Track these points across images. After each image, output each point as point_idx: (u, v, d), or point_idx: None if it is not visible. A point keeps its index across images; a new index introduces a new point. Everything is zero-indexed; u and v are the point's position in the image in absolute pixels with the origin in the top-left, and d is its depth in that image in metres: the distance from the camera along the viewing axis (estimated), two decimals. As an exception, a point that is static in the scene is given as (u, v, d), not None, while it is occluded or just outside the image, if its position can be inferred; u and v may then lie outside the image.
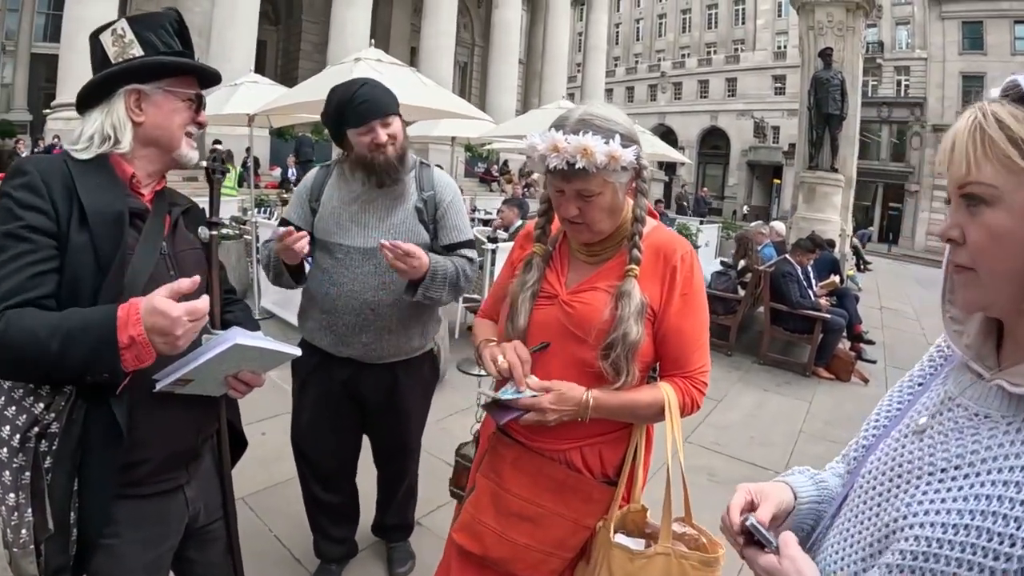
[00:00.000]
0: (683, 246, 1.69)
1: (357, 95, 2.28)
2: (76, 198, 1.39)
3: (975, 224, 0.83)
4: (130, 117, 1.50)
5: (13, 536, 1.32)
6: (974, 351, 0.94)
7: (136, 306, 1.26)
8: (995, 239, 0.81)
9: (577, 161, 1.48)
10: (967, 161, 0.82)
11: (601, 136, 1.48)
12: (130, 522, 1.47)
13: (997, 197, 0.81)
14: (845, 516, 1.06)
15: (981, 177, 0.81)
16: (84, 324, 1.26)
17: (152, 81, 1.52)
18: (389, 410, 2.60)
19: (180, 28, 1.58)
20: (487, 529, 1.71)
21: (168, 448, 1.52)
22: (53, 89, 18.37)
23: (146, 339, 1.25)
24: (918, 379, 1.12)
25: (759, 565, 1.00)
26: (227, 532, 1.78)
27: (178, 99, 1.56)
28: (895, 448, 1.01)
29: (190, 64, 1.58)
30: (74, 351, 1.24)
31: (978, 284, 0.86)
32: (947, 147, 0.86)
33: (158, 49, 1.52)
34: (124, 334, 1.24)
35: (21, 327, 1.25)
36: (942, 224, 0.89)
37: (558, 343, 1.66)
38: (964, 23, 34.76)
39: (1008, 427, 0.84)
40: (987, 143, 0.81)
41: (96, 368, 1.26)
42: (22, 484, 1.32)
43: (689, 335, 1.66)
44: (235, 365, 1.52)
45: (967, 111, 0.86)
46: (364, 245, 2.38)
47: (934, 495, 0.87)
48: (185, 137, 1.59)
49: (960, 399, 0.94)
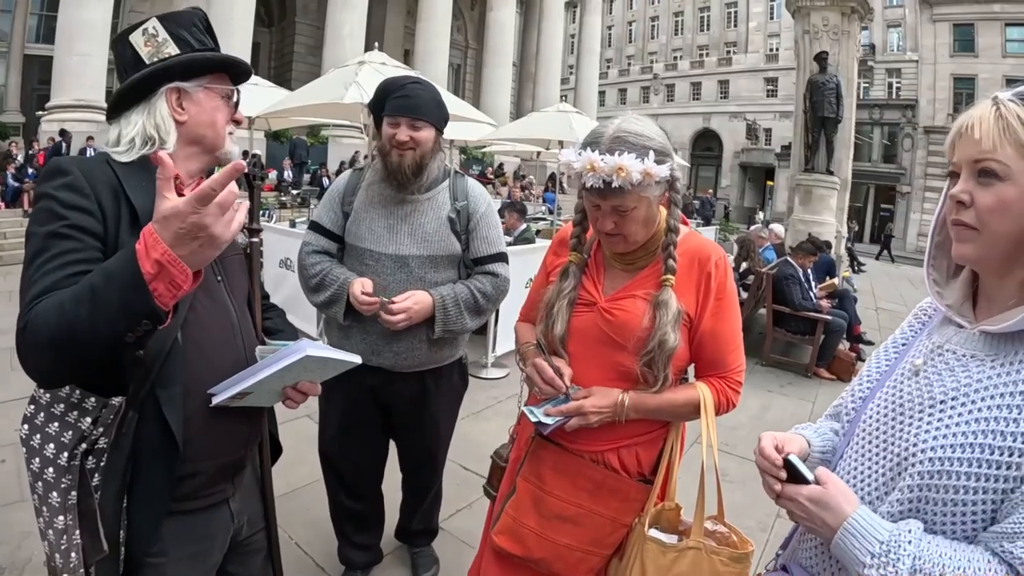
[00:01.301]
0: (716, 252, 1.74)
1: (404, 88, 2.29)
2: (125, 199, 1.34)
3: (986, 192, 1.00)
4: (173, 116, 1.44)
5: (63, 561, 1.25)
6: (955, 309, 1.14)
7: (149, 228, 1.08)
8: (1002, 205, 0.99)
9: (613, 180, 1.50)
10: (992, 140, 0.99)
11: (635, 154, 1.51)
12: (177, 539, 1.41)
13: (1009, 174, 0.98)
14: (851, 458, 1.21)
15: (1000, 156, 0.99)
16: (106, 275, 1.10)
17: (193, 79, 1.47)
18: (418, 418, 2.59)
19: (208, 25, 1.54)
20: (529, 531, 1.75)
21: (220, 459, 1.48)
22: (46, 91, 18.22)
23: (172, 256, 1.05)
24: (901, 340, 1.30)
25: (803, 495, 1.12)
26: (268, 542, 1.75)
27: (218, 96, 1.51)
28: (894, 389, 1.18)
29: (231, 60, 1.53)
30: (104, 308, 1.08)
31: (979, 242, 1.03)
32: (971, 125, 1.03)
33: (193, 47, 1.47)
34: (147, 262, 1.06)
35: (45, 307, 1.14)
36: (955, 188, 1.05)
37: (596, 349, 1.70)
38: (955, 25, 34.95)
39: (993, 362, 1.04)
40: (1008, 129, 0.98)
41: (133, 319, 1.09)
42: (69, 505, 1.25)
43: (724, 338, 1.72)
44: (297, 376, 1.49)
45: (985, 102, 1.05)
46: (396, 252, 2.36)
47: (938, 424, 1.04)
48: (227, 135, 1.55)
49: (948, 345, 1.12)
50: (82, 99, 16.66)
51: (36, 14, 24.72)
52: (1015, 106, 0.99)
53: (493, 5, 29.34)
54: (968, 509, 0.98)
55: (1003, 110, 1.00)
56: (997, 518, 0.97)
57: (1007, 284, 1.05)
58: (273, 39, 33.24)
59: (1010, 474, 0.95)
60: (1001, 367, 1.02)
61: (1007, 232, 1.00)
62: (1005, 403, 0.99)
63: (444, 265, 2.42)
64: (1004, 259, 1.03)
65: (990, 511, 0.98)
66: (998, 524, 0.96)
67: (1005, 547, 0.93)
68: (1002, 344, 1.04)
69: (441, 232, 2.41)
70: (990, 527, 0.97)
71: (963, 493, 0.98)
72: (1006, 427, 0.97)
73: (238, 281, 1.61)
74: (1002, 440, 0.97)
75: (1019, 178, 0.97)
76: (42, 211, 1.29)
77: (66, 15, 16.82)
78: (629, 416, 1.66)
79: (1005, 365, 1.02)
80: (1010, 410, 0.98)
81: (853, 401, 1.30)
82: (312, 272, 2.44)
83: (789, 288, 7.18)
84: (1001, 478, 0.96)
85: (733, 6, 49.02)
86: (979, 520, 0.98)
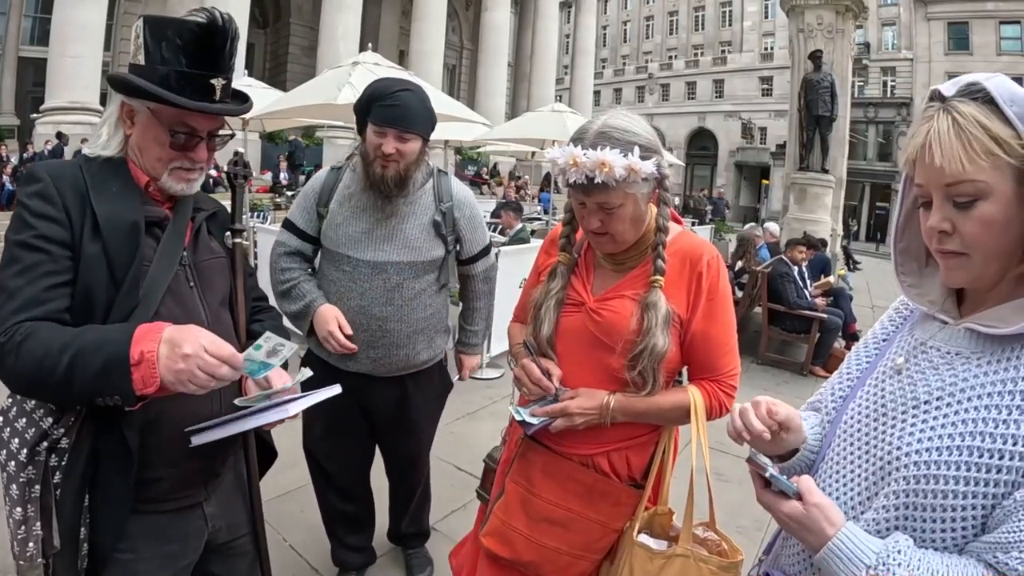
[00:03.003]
0: (709, 251, 1.70)
1: (393, 95, 2.19)
2: (90, 206, 1.31)
3: (967, 218, 0.92)
4: (122, 126, 1.41)
5: (20, 549, 1.27)
6: (938, 305, 1.08)
7: (161, 327, 1.21)
8: (987, 227, 0.91)
9: (596, 176, 1.47)
10: (958, 161, 0.90)
11: (620, 149, 1.47)
12: (146, 537, 1.40)
13: (987, 191, 0.90)
14: (832, 461, 1.14)
15: (972, 175, 0.90)
16: (100, 341, 1.19)
17: (137, 99, 1.37)
18: (400, 421, 2.57)
19: (197, 41, 1.34)
20: (517, 534, 1.73)
21: (183, 468, 1.44)
22: (41, 93, 18.15)
23: (154, 358, 1.17)
24: (882, 336, 1.23)
25: (783, 512, 1.03)
26: (256, 548, 1.70)
27: (159, 128, 1.38)
28: (875, 388, 1.12)
29: (162, 97, 1.32)
30: (84, 370, 1.17)
31: (971, 266, 0.95)
32: (930, 148, 0.93)
33: (155, 64, 1.34)
34: (136, 348, 1.17)
35: (39, 339, 1.19)
36: (931, 219, 0.96)
37: (585, 350, 1.68)
38: (950, 24, 35.06)
39: (979, 361, 0.97)
40: (973, 142, 0.89)
41: (105, 388, 1.18)
42: (31, 498, 1.26)
43: (716, 340, 1.68)
44: None
45: (935, 109, 0.95)
46: (374, 259, 2.31)
47: (923, 425, 0.98)
48: (169, 171, 1.41)
49: (931, 342, 1.06)
50: (76, 101, 16.61)
51: (30, 16, 24.68)
52: (969, 107, 0.91)
53: (488, 5, 29.37)
54: (958, 515, 0.92)
55: (959, 119, 0.91)
56: (988, 525, 0.91)
57: (1001, 286, 0.98)
58: (268, 40, 33.19)
59: (1001, 478, 0.89)
60: (988, 365, 0.96)
61: (998, 247, 0.93)
62: (994, 403, 0.93)
63: (423, 271, 2.38)
64: (1000, 270, 0.96)
65: (980, 518, 0.91)
66: (990, 533, 0.90)
67: (1000, 558, 0.87)
68: (989, 341, 0.98)
69: (424, 237, 2.37)
70: (981, 536, 0.92)
71: (952, 498, 0.92)
72: (995, 428, 0.91)
73: (215, 285, 1.56)
74: (992, 442, 0.90)
75: (998, 188, 0.89)
76: (15, 219, 1.30)
77: (59, 16, 16.75)
78: (616, 419, 1.63)
79: (992, 363, 0.96)
80: (999, 410, 0.91)
81: (833, 400, 1.23)
82: (281, 278, 2.43)
83: (784, 286, 7.18)
84: (992, 482, 0.89)
85: (728, 5, 49.08)
86: (969, 528, 0.92)
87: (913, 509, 0.96)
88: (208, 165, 1.52)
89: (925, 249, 1.06)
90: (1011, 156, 0.88)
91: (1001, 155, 0.88)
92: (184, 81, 1.34)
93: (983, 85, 0.92)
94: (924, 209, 0.99)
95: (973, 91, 0.93)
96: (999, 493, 0.89)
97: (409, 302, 2.36)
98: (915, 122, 0.99)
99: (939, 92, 0.96)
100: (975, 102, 0.91)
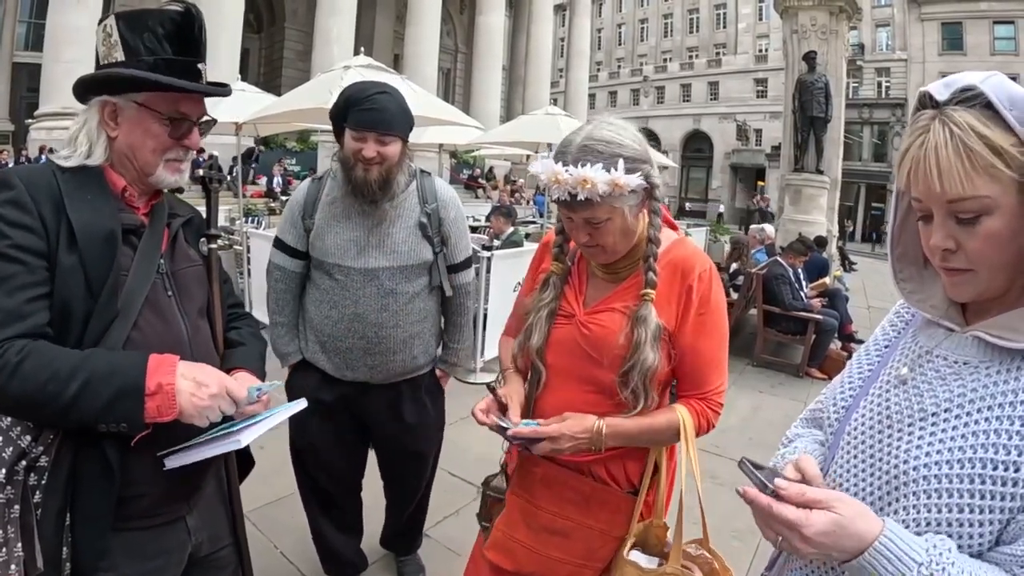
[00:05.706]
0: (702, 263, 1.64)
1: (369, 99, 2.16)
2: (64, 214, 1.27)
3: (972, 235, 0.88)
4: (104, 130, 1.37)
5: (2, 572, 1.22)
6: (941, 311, 1.03)
7: (173, 360, 1.25)
8: (993, 242, 0.88)
9: (579, 193, 1.43)
10: (959, 179, 0.85)
11: (603, 163, 1.42)
12: (128, 555, 1.36)
13: (991, 206, 0.86)
14: (837, 473, 1.09)
15: (976, 191, 0.85)
16: (111, 369, 1.20)
17: (122, 94, 1.35)
18: (394, 426, 2.54)
19: (178, 29, 1.37)
20: (519, 545, 1.71)
21: (166, 484, 1.41)
22: (36, 99, 18.18)
23: (172, 390, 1.21)
24: (883, 342, 1.18)
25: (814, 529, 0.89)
26: (239, 559, 1.68)
27: (152, 119, 1.38)
28: (879, 399, 1.07)
29: (161, 82, 1.33)
30: (94, 398, 1.17)
31: (977, 281, 0.92)
32: (928, 164, 0.87)
33: (139, 56, 1.33)
34: (153, 380, 1.20)
35: (41, 362, 1.17)
36: (933, 238, 0.92)
37: (574, 362, 1.65)
38: (943, 24, 35.26)
39: (988, 370, 0.93)
40: (973, 156, 0.84)
41: (113, 416, 1.19)
42: (11, 518, 1.22)
43: (705, 355, 1.64)
44: None
45: (928, 118, 0.89)
46: (365, 266, 2.29)
47: (931, 438, 0.94)
48: (164, 163, 1.41)
49: (937, 350, 1.01)
50: (70, 107, 16.30)
51: (25, 21, 24.67)
52: (965, 116, 0.86)
53: (482, 9, 29.41)
54: (975, 531, 0.87)
55: (957, 131, 0.85)
56: (1003, 538, 0.87)
57: (1008, 294, 0.94)
58: (262, 45, 33.24)
59: (1017, 491, 0.85)
60: (997, 375, 0.92)
61: (1004, 260, 0.89)
62: (1005, 414, 0.88)
63: (415, 274, 2.36)
64: (1007, 280, 0.92)
65: (996, 532, 0.87)
66: (1008, 546, 0.85)
67: (1018, 574, 0.83)
68: (997, 348, 0.93)
69: (411, 241, 2.35)
70: (996, 547, 0.87)
71: (967, 512, 0.87)
72: (1008, 440, 0.86)
73: (193, 294, 1.53)
74: (1005, 454, 0.86)
75: (1002, 202, 0.85)
76: None
77: (54, 22, 16.77)
78: (607, 444, 1.58)
79: (1002, 372, 0.91)
80: (1011, 421, 0.87)
81: (836, 411, 1.18)
82: (275, 308, 2.51)
83: (779, 288, 7.16)
84: (1008, 496, 0.85)
85: (722, 8, 49.30)
86: (985, 541, 0.87)
87: (926, 525, 0.91)
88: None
89: (923, 252, 1.02)
90: (1013, 168, 0.84)
91: (1002, 168, 0.84)
92: (174, 67, 1.36)
93: (980, 88, 0.86)
94: (924, 223, 0.95)
95: (969, 96, 0.87)
96: (1015, 507, 0.85)
97: (404, 307, 2.34)
98: (907, 132, 0.93)
99: (931, 96, 0.90)
100: (971, 108, 0.86)
